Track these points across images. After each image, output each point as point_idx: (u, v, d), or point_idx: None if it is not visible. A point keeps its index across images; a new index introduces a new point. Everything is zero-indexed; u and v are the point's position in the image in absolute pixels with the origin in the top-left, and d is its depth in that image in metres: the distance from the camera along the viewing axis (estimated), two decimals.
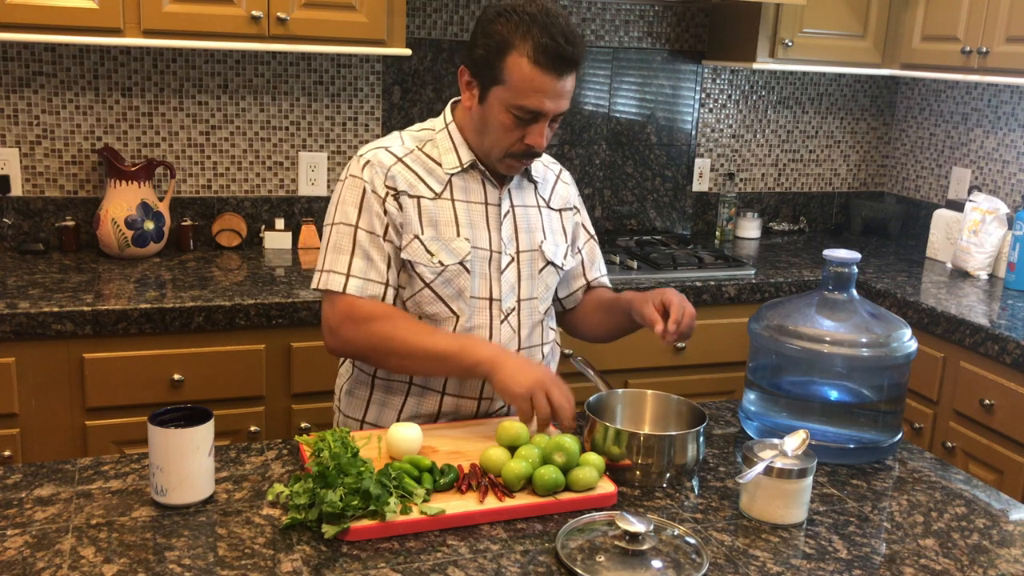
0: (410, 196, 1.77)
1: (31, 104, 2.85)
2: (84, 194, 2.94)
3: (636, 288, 2.83)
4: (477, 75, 1.73)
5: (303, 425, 2.59)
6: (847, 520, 1.51)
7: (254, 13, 2.61)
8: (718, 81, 3.56)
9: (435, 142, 1.82)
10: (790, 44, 3.17)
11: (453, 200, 1.79)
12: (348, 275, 1.73)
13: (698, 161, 3.60)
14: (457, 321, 1.80)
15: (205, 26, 2.59)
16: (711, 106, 3.57)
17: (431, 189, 1.78)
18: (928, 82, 3.67)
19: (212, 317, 2.45)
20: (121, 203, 2.79)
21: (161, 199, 2.90)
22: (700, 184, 3.63)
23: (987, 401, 2.53)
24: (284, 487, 1.45)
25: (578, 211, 2.01)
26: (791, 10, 3.15)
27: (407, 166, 1.78)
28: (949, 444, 2.66)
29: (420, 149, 1.81)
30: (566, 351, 2.74)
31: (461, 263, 1.77)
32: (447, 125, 1.83)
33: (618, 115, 3.45)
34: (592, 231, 2.05)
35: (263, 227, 3.09)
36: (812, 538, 1.45)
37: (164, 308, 2.41)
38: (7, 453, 2.37)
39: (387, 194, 1.76)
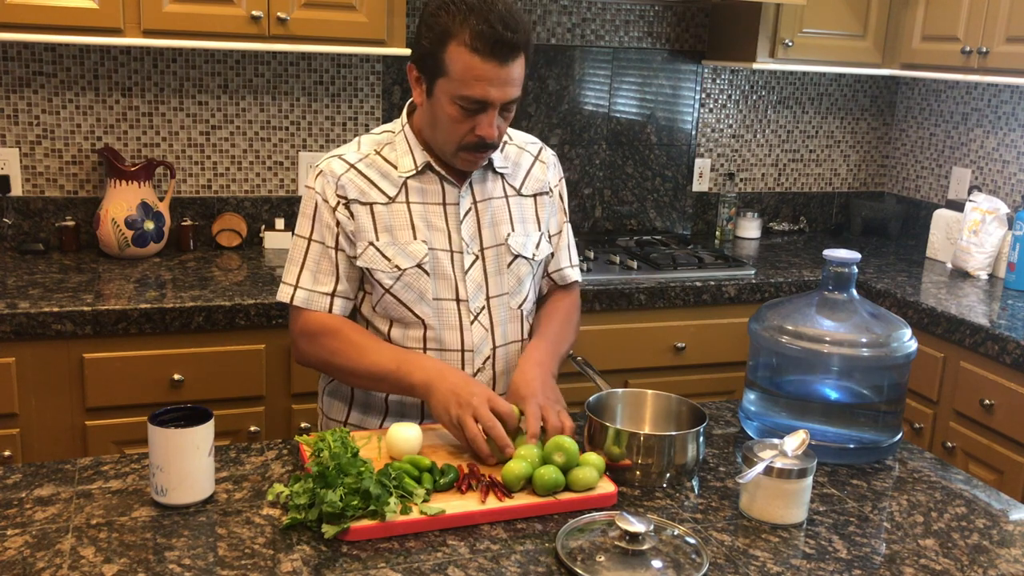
0: (362, 203, 1.76)
1: (31, 104, 2.85)
2: (84, 194, 2.94)
3: (636, 288, 2.84)
4: (423, 70, 1.71)
5: (303, 425, 2.59)
6: (847, 520, 1.51)
7: (254, 13, 2.61)
8: (718, 81, 3.56)
9: (393, 145, 1.81)
10: (790, 44, 3.17)
11: (408, 203, 1.78)
12: (296, 287, 1.79)
13: (698, 161, 3.60)
14: (425, 325, 1.78)
15: (205, 26, 2.59)
16: (711, 106, 3.57)
17: (384, 194, 1.77)
18: (928, 82, 3.67)
19: (212, 317, 2.45)
20: (121, 203, 2.79)
21: (161, 199, 2.90)
22: (700, 184, 3.63)
23: (987, 401, 2.53)
24: (284, 487, 1.45)
25: (557, 194, 1.95)
26: (791, 10, 3.15)
27: (360, 172, 1.78)
28: (949, 444, 2.66)
29: (378, 153, 1.80)
30: None
31: (419, 266, 1.76)
32: (403, 127, 1.81)
33: (618, 115, 3.45)
34: (566, 211, 1.98)
35: (263, 227, 3.09)
36: (812, 538, 1.45)
37: (164, 308, 2.41)
38: (7, 453, 2.37)
39: (338, 203, 1.76)
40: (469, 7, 1.63)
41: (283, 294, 1.80)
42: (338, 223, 1.76)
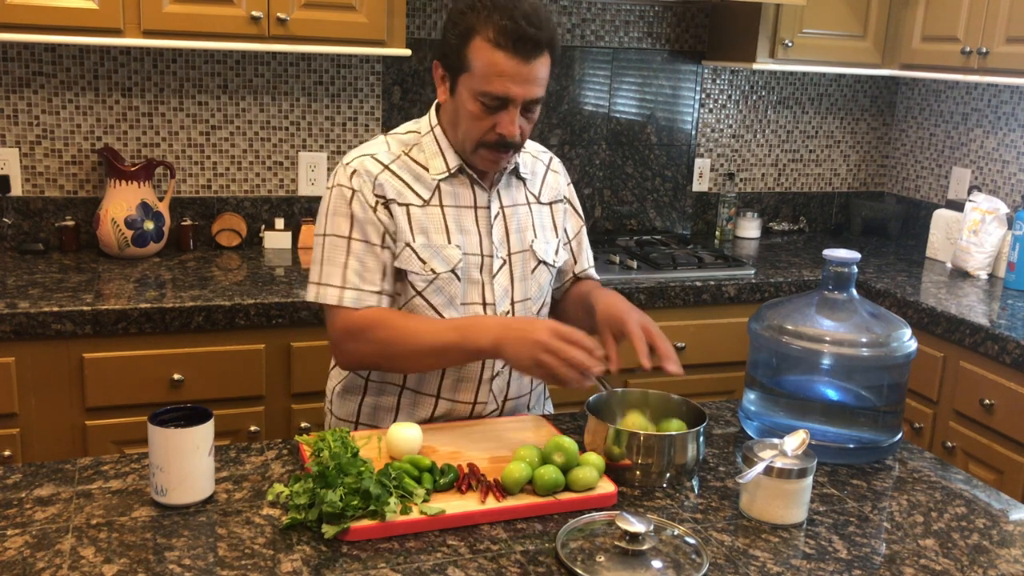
0: (399, 204, 1.74)
1: (31, 104, 2.85)
2: (84, 194, 2.94)
3: (636, 288, 2.84)
4: (447, 67, 1.71)
5: (303, 425, 2.59)
6: (847, 520, 1.51)
7: (254, 13, 2.61)
8: (718, 81, 3.56)
9: (421, 146, 1.79)
10: (790, 44, 3.17)
11: (442, 206, 1.76)
12: (343, 287, 1.72)
13: (698, 161, 3.60)
14: None
15: (205, 26, 2.59)
16: (711, 106, 3.57)
17: (419, 196, 1.75)
18: (928, 82, 3.67)
19: (212, 317, 2.45)
20: (121, 203, 2.79)
21: (161, 199, 2.90)
22: (700, 184, 3.63)
23: (987, 401, 2.53)
24: (284, 487, 1.45)
25: (567, 200, 1.97)
26: (791, 10, 3.15)
27: (394, 173, 1.75)
28: (949, 444, 2.66)
29: (407, 154, 1.78)
30: None
31: (452, 271, 1.75)
32: (432, 128, 1.79)
33: (618, 115, 3.45)
34: (581, 214, 2.00)
35: (263, 227, 3.09)
36: (812, 538, 1.45)
37: (164, 308, 2.41)
38: (7, 453, 2.37)
39: (377, 203, 1.73)
40: (494, 4, 1.63)
41: (329, 296, 1.72)
42: (380, 222, 1.73)
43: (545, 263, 1.86)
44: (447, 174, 1.77)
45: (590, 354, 1.57)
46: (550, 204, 1.92)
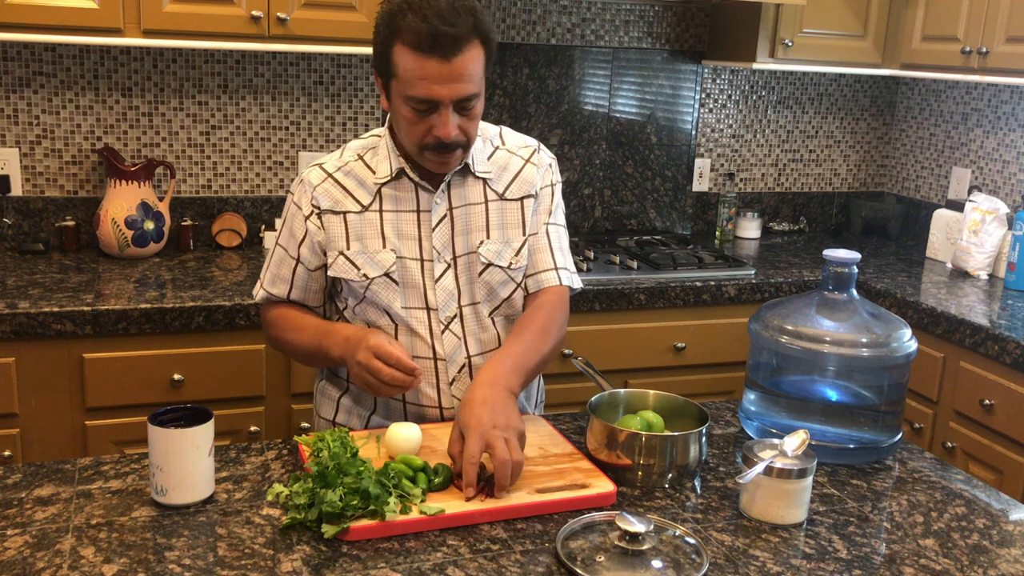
0: (334, 213, 1.76)
1: (31, 104, 2.85)
2: (84, 194, 2.94)
3: (636, 288, 2.84)
4: (380, 72, 1.68)
5: (303, 425, 2.59)
6: (847, 520, 1.52)
7: (254, 13, 2.61)
8: (718, 81, 3.56)
9: (377, 149, 1.79)
10: (790, 44, 3.17)
11: (381, 211, 1.76)
12: (261, 287, 1.87)
13: (698, 161, 3.60)
14: (397, 330, 1.77)
15: (205, 26, 2.59)
16: (711, 106, 3.57)
17: (358, 202, 1.76)
18: (928, 82, 3.67)
19: (212, 317, 2.45)
20: (121, 203, 2.79)
21: (161, 199, 2.90)
22: (700, 184, 3.63)
23: (987, 401, 2.53)
24: (284, 487, 1.45)
25: (536, 195, 1.83)
26: (791, 10, 3.15)
27: (336, 182, 1.77)
28: (949, 444, 2.66)
29: (360, 158, 1.79)
30: (565, 351, 2.75)
31: (386, 275, 1.75)
32: (386, 132, 1.79)
33: (618, 115, 3.45)
34: (552, 213, 1.86)
35: (263, 227, 3.09)
36: (812, 538, 1.45)
37: (164, 308, 2.41)
38: (7, 453, 2.37)
39: (311, 212, 1.77)
40: (409, 4, 1.58)
41: (255, 291, 1.90)
42: (307, 232, 1.77)
43: (496, 265, 1.78)
44: (389, 178, 1.76)
45: (408, 373, 1.61)
46: (519, 200, 1.82)
